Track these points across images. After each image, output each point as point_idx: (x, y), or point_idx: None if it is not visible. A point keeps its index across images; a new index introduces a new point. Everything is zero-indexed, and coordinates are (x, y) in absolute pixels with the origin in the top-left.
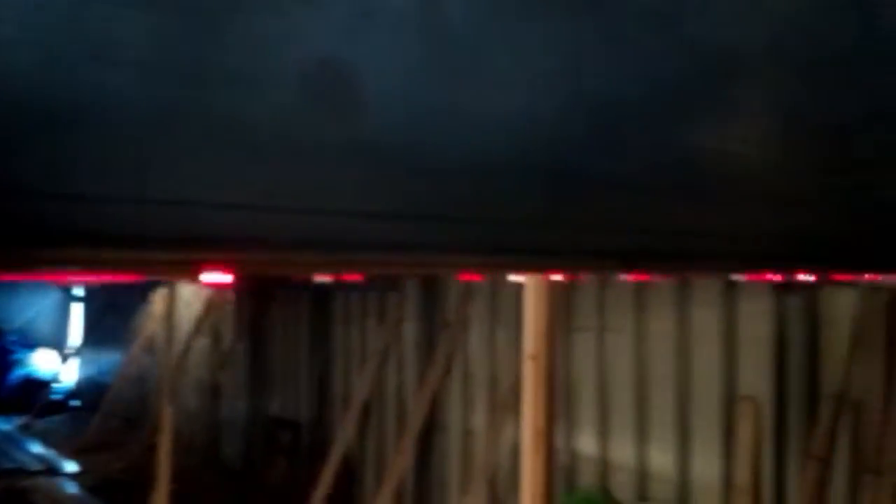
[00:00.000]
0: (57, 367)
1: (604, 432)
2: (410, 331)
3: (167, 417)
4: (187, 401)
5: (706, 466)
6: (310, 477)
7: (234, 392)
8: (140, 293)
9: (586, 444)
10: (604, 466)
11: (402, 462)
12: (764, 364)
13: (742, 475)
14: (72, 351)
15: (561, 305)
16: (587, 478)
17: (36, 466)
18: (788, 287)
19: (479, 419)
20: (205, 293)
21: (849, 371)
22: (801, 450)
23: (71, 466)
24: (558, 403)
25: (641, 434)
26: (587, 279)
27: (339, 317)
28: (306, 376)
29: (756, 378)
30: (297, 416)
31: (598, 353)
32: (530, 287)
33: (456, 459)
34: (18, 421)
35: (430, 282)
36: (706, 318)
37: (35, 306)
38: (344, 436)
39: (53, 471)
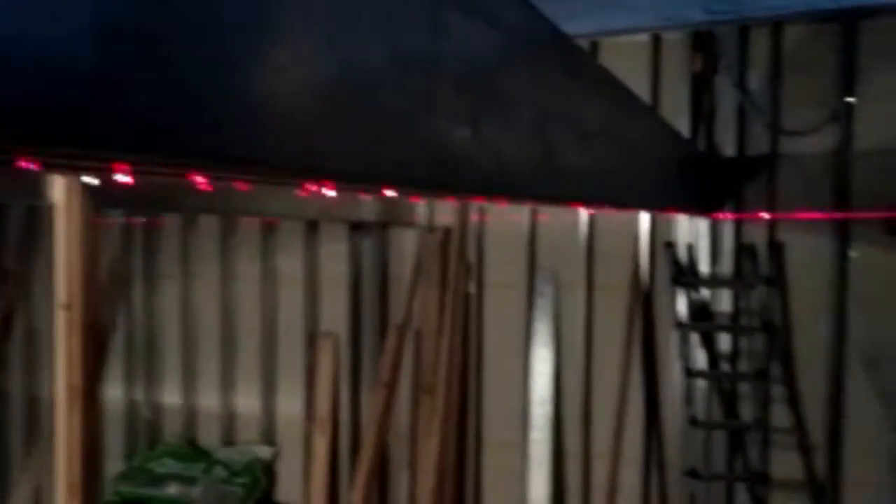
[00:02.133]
0: None
1: (189, 382)
2: None
3: None
4: None
5: (290, 402)
6: None
7: None
8: None
9: (171, 396)
10: (190, 416)
11: None
12: (342, 301)
13: (322, 406)
14: None
15: (141, 252)
16: (173, 430)
17: None
18: (362, 227)
19: (48, 383)
20: None
21: (411, 303)
22: (373, 378)
23: None
24: (134, 356)
25: (228, 379)
26: (169, 223)
27: None
28: None
29: (335, 314)
30: None
31: (182, 301)
32: (60, 225)
33: (19, 429)
34: None
35: None
36: (290, 260)
37: None
38: None
39: None
